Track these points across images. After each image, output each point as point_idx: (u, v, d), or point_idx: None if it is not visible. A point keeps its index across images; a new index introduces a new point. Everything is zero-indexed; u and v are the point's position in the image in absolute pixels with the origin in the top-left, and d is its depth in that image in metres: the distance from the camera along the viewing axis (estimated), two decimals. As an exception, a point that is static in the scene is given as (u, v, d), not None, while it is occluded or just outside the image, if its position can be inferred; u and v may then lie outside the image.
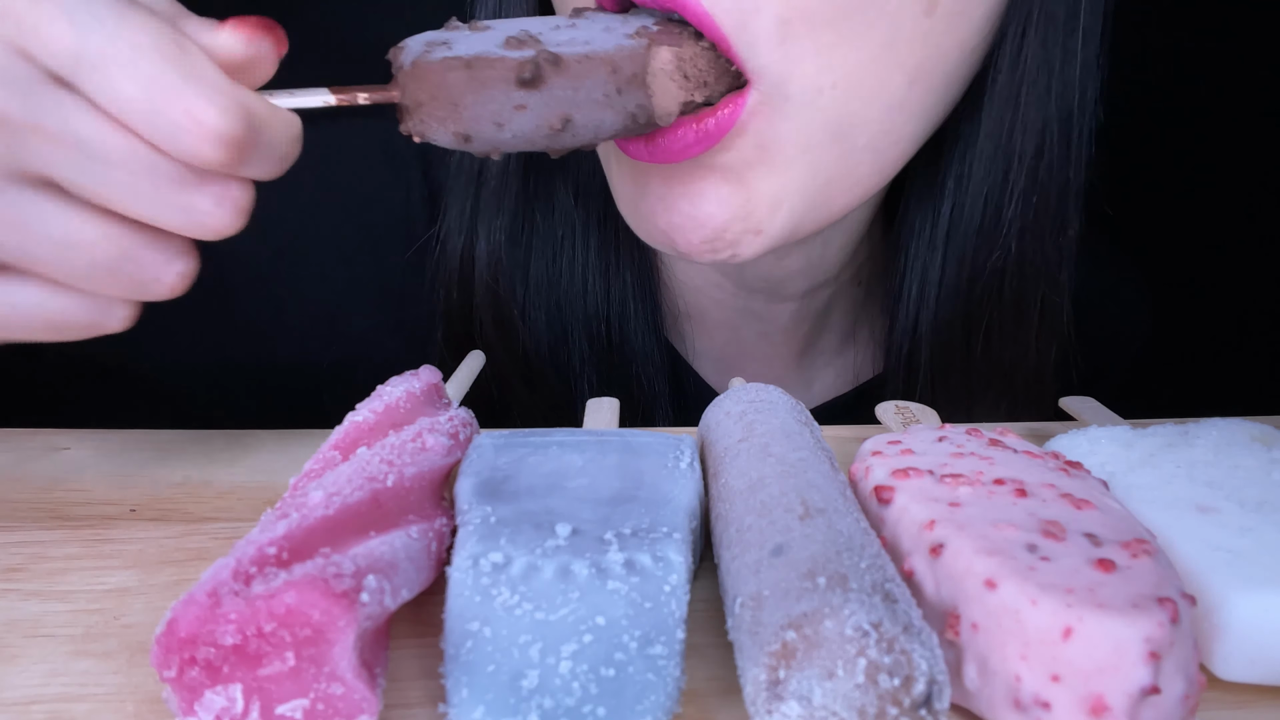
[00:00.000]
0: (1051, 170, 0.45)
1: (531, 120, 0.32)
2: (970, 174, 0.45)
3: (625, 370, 0.51)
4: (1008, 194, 0.45)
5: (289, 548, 0.24)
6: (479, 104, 0.31)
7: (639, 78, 0.33)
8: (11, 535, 0.33)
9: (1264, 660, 0.25)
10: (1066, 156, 0.45)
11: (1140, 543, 0.25)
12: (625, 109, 0.33)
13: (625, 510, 0.28)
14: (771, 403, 0.34)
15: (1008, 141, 0.44)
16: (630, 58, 0.33)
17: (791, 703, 0.21)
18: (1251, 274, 0.90)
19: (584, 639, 0.23)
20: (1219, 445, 0.33)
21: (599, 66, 0.32)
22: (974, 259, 0.47)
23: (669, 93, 0.34)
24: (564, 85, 0.32)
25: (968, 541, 0.25)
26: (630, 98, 0.33)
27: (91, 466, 0.38)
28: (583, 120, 0.33)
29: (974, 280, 0.47)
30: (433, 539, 0.28)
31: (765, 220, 0.37)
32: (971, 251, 0.47)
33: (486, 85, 0.31)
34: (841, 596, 0.21)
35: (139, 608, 0.29)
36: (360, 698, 0.22)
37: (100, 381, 0.54)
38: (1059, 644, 0.22)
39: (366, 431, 0.31)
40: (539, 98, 0.32)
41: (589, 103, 0.32)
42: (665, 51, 0.33)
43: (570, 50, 0.32)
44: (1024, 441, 0.32)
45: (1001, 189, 0.45)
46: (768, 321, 0.53)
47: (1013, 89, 0.42)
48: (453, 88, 0.31)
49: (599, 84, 0.32)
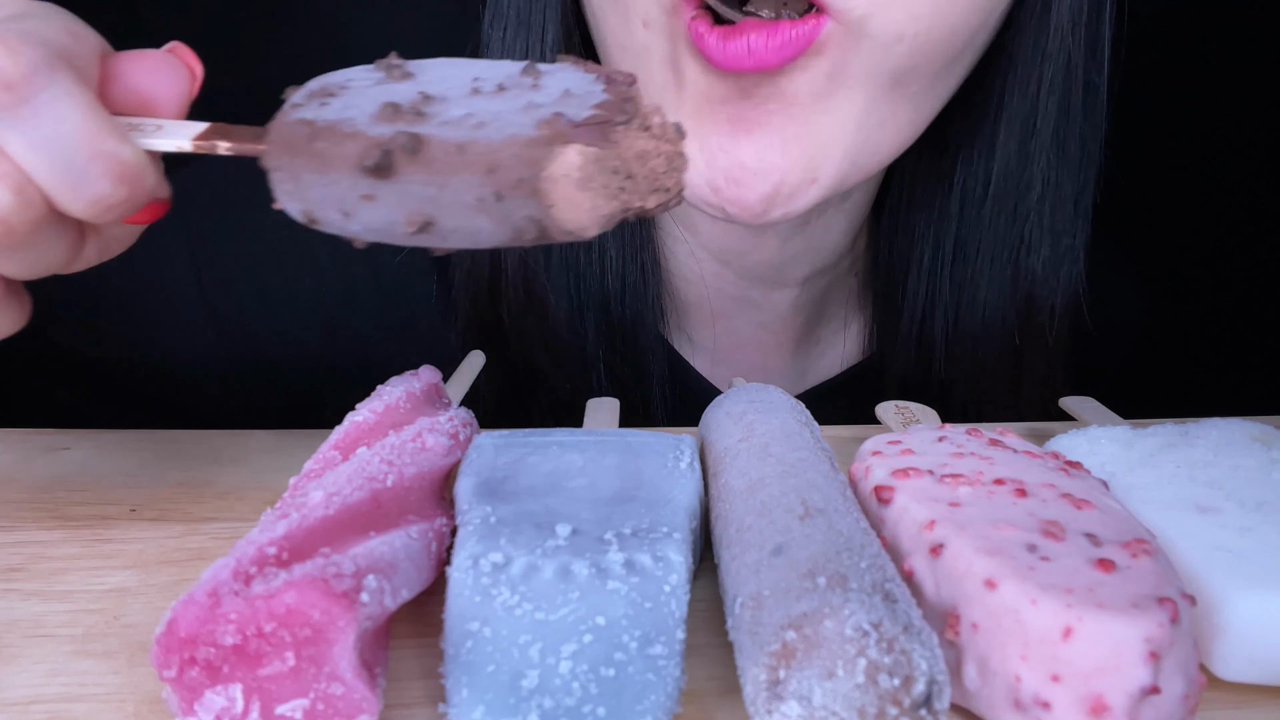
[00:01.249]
0: (1073, 148, 0.45)
1: (383, 215, 0.26)
2: (990, 154, 0.46)
3: (632, 358, 0.51)
4: (1027, 170, 0.45)
5: (289, 548, 0.24)
6: (322, 184, 0.26)
7: (527, 184, 0.25)
8: (11, 535, 0.33)
9: (1264, 660, 0.25)
10: (1085, 132, 0.46)
11: (1140, 543, 0.25)
12: (509, 219, 0.25)
13: (625, 510, 0.28)
14: (771, 403, 0.34)
15: (1030, 113, 0.44)
16: (519, 157, 0.25)
17: (791, 703, 0.21)
18: (1252, 274, 0.90)
19: (584, 639, 0.23)
20: (1219, 445, 0.33)
21: (472, 162, 0.25)
22: (986, 245, 0.48)
23: (577, 205, 0.25)
24: (422, 180, 0.25)
25: (968, 541, 0.25)
26: (515, 207, 0.25)
27: (91, 466, 0.38)
28: (451, 224, 0.26)
29: (982, 266, 0.48)
30: (433, 539, 0.28)
31: (822, 165, 0.37)
32: (986, 236, 0.47)
33: (329, 165, 0.26)
34: (841, 596, 0.21)
35: (139, 608, 0.29)
36: (360, 698, 0.22)
37: (99, 380, 0.54)
38: (1059, 644, 0.22)
39: (366, 431, 0.31)
40: (391, 190, 0.26)
41: (457, 205, 0.25)
42: (573, 153, 0.25)
43: (447, 134, 0.25)
44: (1024, 441, 0.32)
45: (1022, 163, 0.45)
46: (766, 310, 0.53)
47: (1038, 54, 0.43)
48: (296, 159, 0.26)
49: (470, 185, 0.25)
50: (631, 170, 0.26)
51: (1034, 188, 0.47)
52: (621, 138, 0.26)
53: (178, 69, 0.29)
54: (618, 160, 0.26)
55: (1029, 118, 0.46)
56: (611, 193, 0.26)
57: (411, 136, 0.25)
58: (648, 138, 0.27)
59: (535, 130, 0.25)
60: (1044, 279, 0.48)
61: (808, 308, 0.54)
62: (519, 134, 0.25)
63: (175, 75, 0.29)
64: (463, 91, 0.28)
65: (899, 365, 0.51)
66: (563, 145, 0.25)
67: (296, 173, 0.26)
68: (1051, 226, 0.48)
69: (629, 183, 0.26)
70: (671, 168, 0.27)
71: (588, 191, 0.25)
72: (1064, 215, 0.48)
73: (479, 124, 0.26)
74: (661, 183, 0.27)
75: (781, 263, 0.51)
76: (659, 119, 0.27)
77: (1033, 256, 0.48)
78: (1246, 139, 0.87)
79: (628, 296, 0.50)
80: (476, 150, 0.25)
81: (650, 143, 0.27)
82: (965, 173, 0.48)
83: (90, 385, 0.54)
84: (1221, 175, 0.89)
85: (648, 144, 0.27)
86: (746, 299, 0.53)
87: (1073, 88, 0.45)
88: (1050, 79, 0.44)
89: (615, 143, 0.26)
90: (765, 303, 0.53)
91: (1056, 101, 0.45)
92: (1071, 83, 0.45)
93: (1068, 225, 0.48)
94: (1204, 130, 0.88)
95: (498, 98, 0.27)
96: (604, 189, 0.26)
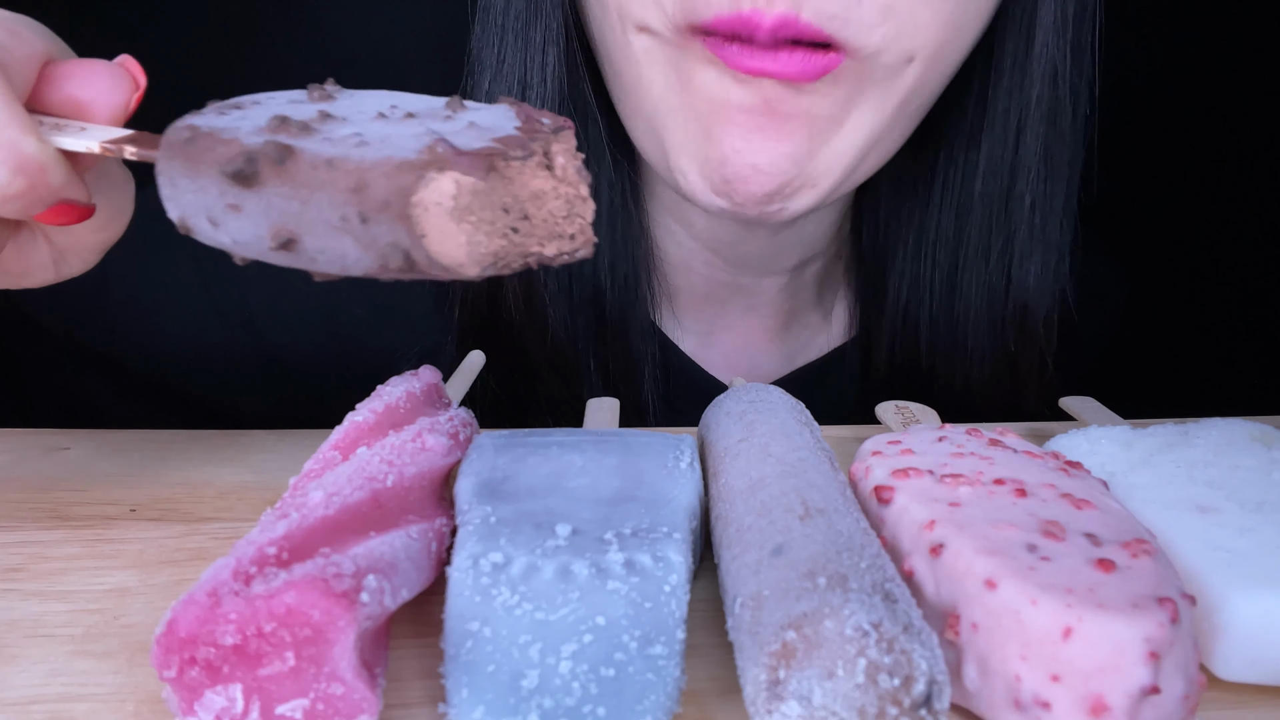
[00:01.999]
0: (1060, 158, 0.48)
1: (248, 227, 0.25)
2: (975, 151, 0.48)
3: (623, 348, 0.52)
4: (1023, 140, 0.48)
5: (289, 548, 0.24)
6: (192, 190, 0.26)
7: (394, 208, 0.23)
8: (11, 535, 0.33)
9: (1264, 660, 0.25)
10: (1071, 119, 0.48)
11: (1140, 543, 0.25)
12: (374, 244, 0.24)
13: (625, 510, 0.28)
14: (771, 403, 0.34)
15: (1021, 100, 0.47)
16: (388, 178, 0.23)
17: (791, 703, 0.21)
18: (1252, 274, 0.90)
19: (584, 639, 0.23)
20: (1219, 445, 0.33)
21: (338, 179, 0.23)
22: (974, 243, 0.50)
23: (450, 239, 0.24)
24: (285, 193, 0.24)
25: (968, 541, 0.25)
26: (380, 231, 0.24)
27: (91, 466, 0.38)
28: (316, 244, 0.25)
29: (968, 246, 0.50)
30: (433, 539, 0.28)
31: (822, 175, 0.40)
32: (974, 235, 0.50)
33: (199, 170, 0.25)
34: (841, 596, 0.21)
35: (139, 608, 0.29)
36: (360, 698, 0.22)
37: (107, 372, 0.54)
38: (1059, 644, 0.22)
39: (366, 431, 0.31)
40: (255, 201, 0.25)
41: (321, 223, 0.24)
42: (447, 181, 0.23)
43: (320, 149, 0.24)
44: (1024, 441, 0.32)
45: (1009, 170, 0.48)
46: (755, 296, 0.54)
47: (1024, 52, 0.46)
48: (172, 163, 0.26)
49: (334, 202, 0.24)
50: (527, 211, 0.25)
51: (1024, 199, 0.48)
52: (515, 174, 0.24)
53: (119, 79, 0.30)
54: (508, 197, 0.24)
55: (1015, 122, 0.48)
56: (497, 231, 0.24)
57: (279, 146, 0.24)
58: (547, 178, 0.25)
59: (414, 154, 0.24)
60: (1036, 288, 0.50)
61: (796, 293, 0.56)
62: (394, 156, 0.24)
63: (114, 84, 0.30)
64: (368, 116, 0.27)
65: (883, 348, 0.53)
66: (438, 172, 0.23)
67: (173, 177, 0.26)
68: (1043, 237, 0.49)
69: (524, 224, 0.25)
70: (573, 213, 0.26)
71: (464, 225, 0.24)
72: (1054, 225, 0.49)
73: (361, 143, 0.25)
74: (562, 228, 0.26)
75: (772, 253, 0.52)
76: (563, 160, 0.26)
77: (1026, 266, 0.50)
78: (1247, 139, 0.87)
79: (620, 289, 0.51)
80: (345, 167, 0.24)
81: (549, 183, 0.25)
82: (949, 166, 0.50)
83: (98, 378, 0.54)
84: (1222, 175, 0.89)
85: (545, 184, 0.25)
86: (736, 285, 0.54)
87: (1060, 96, 0.47)
88: (1037, 90, 0.47)
89: (506, 178, 0.24)
90: (755, 289, 0.54)
91: (1044, 113, 0.47)
92: (1058, 91, 0.47)
93: (1056, 234, 0.50)
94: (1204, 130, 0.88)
95: (399, 123, 0.26)
96: (486, 225, 0.24)
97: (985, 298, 0.50)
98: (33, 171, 0.28)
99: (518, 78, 0.46)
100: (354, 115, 0.27)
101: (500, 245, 0.25)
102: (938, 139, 0.49)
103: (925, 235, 0.51)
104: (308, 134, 0.25)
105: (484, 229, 0.24)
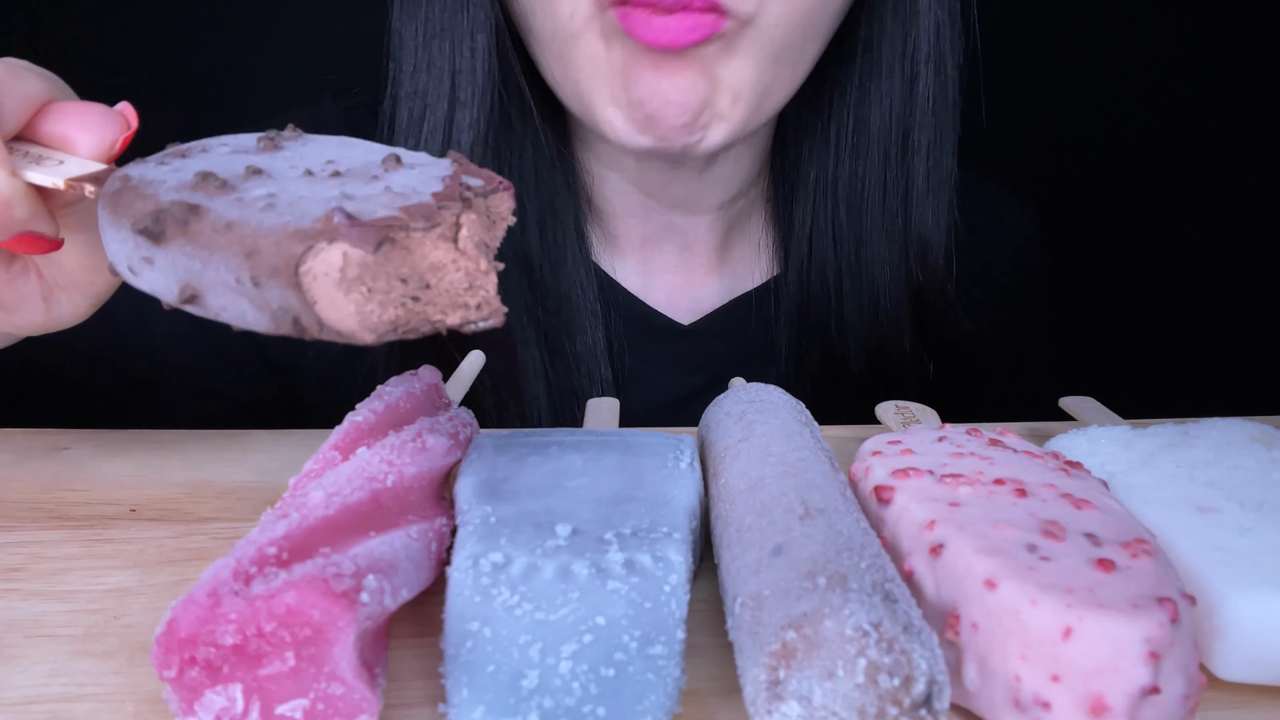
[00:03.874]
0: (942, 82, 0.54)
1: (159, 280, 0.26)
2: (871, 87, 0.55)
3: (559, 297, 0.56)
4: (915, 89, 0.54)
5: (289, 548, 0.24)
6: (117, 240, 0.27)
7: (282, 275, 0.24)
8: (11, 535, 0.33)
9: (1264, 660, 0.25)
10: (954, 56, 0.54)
11: (1140, 543, 0.25)
12: (267, 306, 0.24)
13: (625, 510, 0.28)
14: (771, 403, 0.34)
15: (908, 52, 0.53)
16: (278, 246, 0.24)
17: (791, 703, 0.21)
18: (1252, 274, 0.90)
19: (584, 639, 0.23)
20: (1219, 445, 0.33)
21: (234, 242, 0.24)
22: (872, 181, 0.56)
23: (340, 307, 0.24)
24: (188, 252, 0.25)
25: (968, 541, 0.25)
26: (272, 295, 0.24)
27: (91, 466, 0.38)
28: (217, 302, 0.25)
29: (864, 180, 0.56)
30: (433, 539, 0.28)
31: (728, 109, 0.47)
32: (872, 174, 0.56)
33: (120, 223, 0.26)
34: (841, 596, 0.21)
35: (139, 608, 0.29)
36: (360, 698, 0.22)
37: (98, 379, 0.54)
38: (1059, 644, 0.22)
39: (366, 431, 0.31)
40: (164, 257, 0.26)
41: (220, 284, 0.25)
42: (335, 253, 0.24)
43: (227, 211, 0.25)
44: (1024, 441, 0.32)
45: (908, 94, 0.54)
46: (687, 234, 0.60)
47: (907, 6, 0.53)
48: (103, 211, 0.27)
49: (230, 265, 0.24)
50: (428, 281, 0.25)
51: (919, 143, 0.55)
52: (415, 245, 0.25)
53: (110, 120, 0.32)
54: (405, 268, 0.25)
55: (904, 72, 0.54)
56: (392, 300, 0.25)
57: (185, 206, 0.25)
58: (448, 250, 0.25)
59: (309, 222, 0.24)
60: (934, 224, 0.56)
61: (726, 230, 0.61)
62: (290, 223, 0.24)
63: (104, 123, 0.32)
64: (296, 173, 0.27)
65: (795, 281, 0.59)
66: (328, 243, 0.24)
67: (104, 224, 0.27)
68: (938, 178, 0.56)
69: (425, 293, 0.25)
70: (474, 285, 0.26)
71: (353, 295, 0.24)
72: (946, 166, 0.56)
73: (268, 206, 0.25)
74: (463, 299, 0.26)
75: (697, 192, 0.58)
76: (469, 231, 0.26)
77: (924, 205, 0.56)
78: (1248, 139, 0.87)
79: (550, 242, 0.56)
80: (241, 232, 0.24)
81: (449, 255, 0.25)
82: (843, 110, 0.55)
83: (98, 378, 0.54)
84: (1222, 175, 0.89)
85: (445, 257, 0.25)
86: (670, 225, 0.59)
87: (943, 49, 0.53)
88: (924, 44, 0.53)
89: (405, 249, 0.24)
90: (687, 227, 0.60)
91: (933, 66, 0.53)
92: (941, 45, 0.53)
93: (948, 175, 0.56)
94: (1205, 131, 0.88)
95: (320, 184, 0.27)
96: (380, 294, 0.24)
97: (885, 233, 0.56)
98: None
99: (448, 69, 0.51)
100: (283, 172, 0.27)
101: (397, 314, 0.25)
102: (833, 86, 0.55)
103: (824, 176, 0.57)
104: (224, 192, 0.26)
105: (377, 299, 0.24)
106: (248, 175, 0.27)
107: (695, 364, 0.60)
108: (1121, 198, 0.86)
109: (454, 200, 0.26)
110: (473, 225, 0.26)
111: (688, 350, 0.60)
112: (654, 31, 0.44)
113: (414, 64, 0.51)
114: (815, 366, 0.59)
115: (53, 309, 0.37)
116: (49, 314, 0.37)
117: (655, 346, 0.59)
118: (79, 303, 0.37)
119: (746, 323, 0.60)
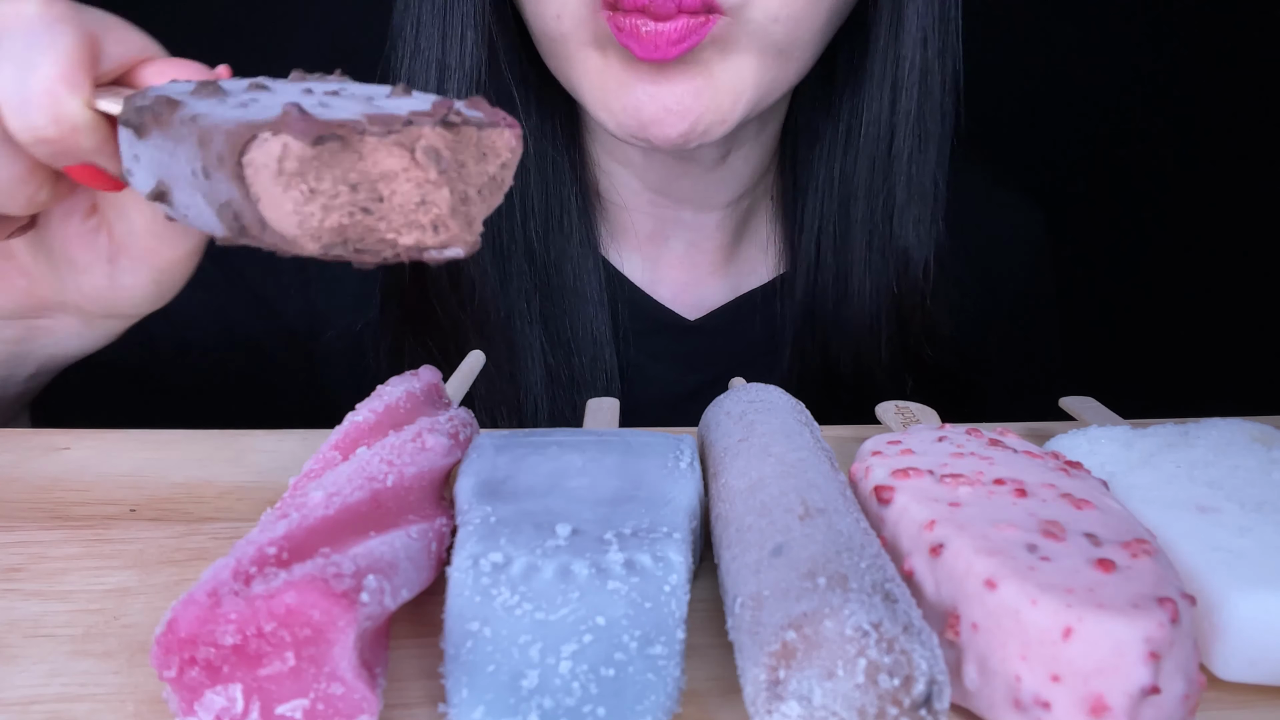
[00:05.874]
0: (928, 93, 0.54)
1: (143, 176, 0.27)
2: (868, 86, 0.54)
3: (562, 287, 0.57)
4: (899, 99, 0.54)
5: (289, 548, 0.24)
6: (125, 143, 0.28)
7: (227, 163, 0.23)
8: (11, 535, 0.33)
9: (1264, 660, 0.25)
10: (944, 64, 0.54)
11: (1140, 543, 0.25)
12: (216, 200, 0.24)
13: (625, 510, 0.28)
14: (771, 403, 0.34)
15: (895, 61, 0.53)
16: (228, 134, 0.23)
17: (791, 703, 0.21)
18: (1252, 274, 0.90)
19: (584, 639, 0.23)
20: (1219, 445, 0.33)
21: (194, 133, 0.24)
22: (869, 161, 0.56)
23: (279, 205, 0.23)
24: (161, 145, 0.25)
25: (968, 541, 0.25)
26: (220, 188, 0.24)
27: (91, 466, 0.38)
28: (182, 200, 0.25)
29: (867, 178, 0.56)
30: (433, 539, 0.28)
31: (729, 110, 0.47)
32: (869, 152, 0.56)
33: (126, 122, 0.28)
34: (841, 596, 0.21)
35: (139, 608, 0.29)
36: (360, 698, 0.22)
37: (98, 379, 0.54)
38: (1059, 644, 0.22)
39: (366, 431, 0.31)
40: (146, 150, 0.26)
41: (181, 178, 0.25)
42: (275, 143, 0.23)
43: (199, 107, 0.25)
44: (1024, 441, 0.32)
45: (893, 102, 0.54)
46: (695, 230, 0.60)
47: (895, 18, 0.52)
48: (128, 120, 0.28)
49: (188, 156, 0.24)
50: (379, 191, 0.24)
51: (902, 153, 0.55)
52: (369, 151, 0.23)
53: (199, 73, 0.34)
54: (355, 174, 0.23)
55: (890, 81, 0.54)
56: (339, 206, 0.23)
57: (165, 100, 0.26)
58: (401, 158, 0.24)
59: (266, 116, 0.23)
60: (915, 235, 0.56)
61: (734, 228, 0.61)
62: (247, 116, 0.23)
63: (191, 74, 0.33)
64: (298, 90, 0.27)
65: (802, 279, 0.59)
66: (272, 134, 0.23)
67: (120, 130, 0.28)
68: (920, 189, 0.56)
69: (378, 206, 0.24)
70: (425, 200, 0.24)
71: (293, 191, 0.23)
72: (928, 178, 0.55)
73: (242, 105, 0.25)
74: (415, 217, 0.24)
75: (705, 189, 0.58)
76: (432, 143, 0.24)
77: (904, 215, 0.56)
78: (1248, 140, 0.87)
79: (550, 232, 0.56)
80: (203, 123, 0.24)
81: (400, 163, 0.24)
82: (837, 115, 0.56)
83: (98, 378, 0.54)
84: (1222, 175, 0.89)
85: (396, 164, 0.24)
86: (678, 220, 0.59)
87: (930, 60, 0.53)
88: (909, 53, 0.53)
89: (356, 152, 0.23)
90: (695, 224, 0.60)
91: (917, 76, 0.53)
92: (928, 55, 0.53)
93: (931, 188, 0.56)
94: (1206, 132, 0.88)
95: (314, 97, 0.26)
96: (322, 196, 0.23)
97: (867, 240, 0.56)
98: (65, 124, 0.31)
99: (435, 59, 0.51)
100: (284, 89, 0.28)
101: (343, 222, 0.24)
102: (839, 80, 0.55)
103: (815, 179, 0.57)
104: (214, 95, 0.27)
105: (320, 201, 0.23)
106: (250, 89, 0.27)
107: (699, 360, 0.60)
108: (1122, 198, 0.86)
109: (429, 118, 0.25)
110: (444, 142, 0.25)
111: (692, 346, 0.60)
112: (645, 46, 0.44)
113: (408, 54, 0.52)
114: (817, 365, 0.59)
115: (117, 276, 0.38)
116: (113, 281, 0.39)
117: (660, 342, 0.59)
118: (141, 274, 0.39)
119: (752, 320, 0.60)
